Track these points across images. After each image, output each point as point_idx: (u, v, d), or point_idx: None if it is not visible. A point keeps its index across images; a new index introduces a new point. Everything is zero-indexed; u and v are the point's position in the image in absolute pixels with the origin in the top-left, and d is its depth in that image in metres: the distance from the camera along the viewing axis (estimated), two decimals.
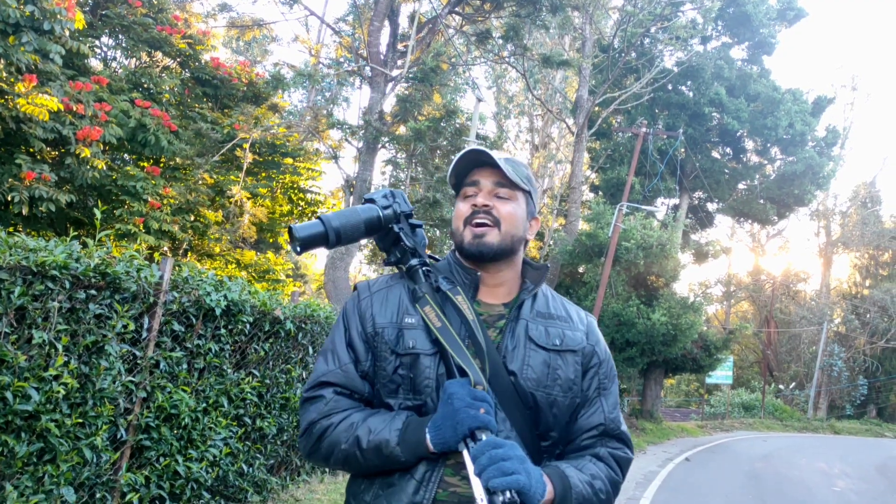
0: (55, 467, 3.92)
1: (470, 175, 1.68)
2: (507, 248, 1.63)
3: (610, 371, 1.70)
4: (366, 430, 1.50)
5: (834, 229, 40.25)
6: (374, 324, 1.61)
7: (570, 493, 1.50)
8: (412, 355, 1.55)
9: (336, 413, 1.56)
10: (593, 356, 1.67)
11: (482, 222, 1.61)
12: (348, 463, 1.54)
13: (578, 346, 1.65)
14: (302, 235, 1.57)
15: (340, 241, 1.60)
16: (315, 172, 14.80)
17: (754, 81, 23.69)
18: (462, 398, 1.43)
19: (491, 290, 1.67)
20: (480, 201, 1.62)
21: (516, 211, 1.66)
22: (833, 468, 14.91)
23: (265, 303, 5.88)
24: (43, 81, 8.11)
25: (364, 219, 1.62)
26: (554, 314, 1.68)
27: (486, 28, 16.09)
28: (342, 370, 1.60)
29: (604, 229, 18.52)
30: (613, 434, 1.65)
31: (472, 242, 1.61)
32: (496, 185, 1.65)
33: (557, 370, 1.59)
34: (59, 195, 8.03)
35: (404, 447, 1.47)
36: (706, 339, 22.00)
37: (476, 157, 1.65)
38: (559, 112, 26.60)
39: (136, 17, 11.13)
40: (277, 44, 35.43)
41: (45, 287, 3.84)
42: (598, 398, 1.65)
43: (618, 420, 1.67)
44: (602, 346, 1.71)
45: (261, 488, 5.99)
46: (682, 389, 43.92)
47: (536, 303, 1.68)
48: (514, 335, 1.60)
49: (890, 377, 35.24)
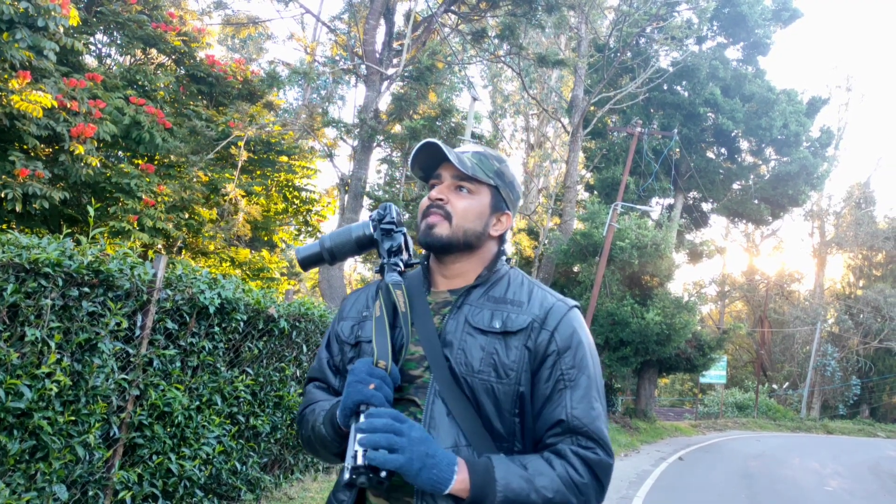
0: (47, 465, 3.91)
1: (437, 168, 1.70)
2: (457, 242, 1.62)
3: (579, 361, 1.54)
4: (314, 413, 1.62)
5: (828, 230, 40.38)
6: (340, 321, 1.76)
7: (492, 486, 1.39)
8: (360, 344, 1.66)
9: (311, 403, 1.68)
10: (550, 343, 1.53)
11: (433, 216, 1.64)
12: (310, 446, 1.64)
13: (520, 328, 1.54)
14: (301, 257, 1.78)
15: (335, 258, 1.77)
16: (310, 171, 14.77)
17: (749, 82, 23.74)
18: (357, 373, 1.46)
19: (446, 280, 1.68)
20: (434, 195, 1.65)
21: (472, 206, 1.64)
22: (826, 468, 14.96)
23: (259, 301, 5.87)
24: (37, 78, 8.09)
25: (355, 237, 1.75)
26: (508, 299, 1.60)
27: (481, 27, 16.09)
28: (319, 366, 1.76)
29: (599, 229, 18.54)
30: (580, 431, 1.48)
31: (424, 233, 1.64)
32: (455, 178, 1.66)
33: (493, 354, 1.52)
34: (52, 192, 8.01)
35: (326, 424, 1.54)
36: (700, 339, 22.05)
37: (432, 151, 1.65)
38: (555, 111, 26.62)
39: (130, 14, 11.10)
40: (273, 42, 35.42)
41: (37, 284, 3.84)
42: (563, 391, 1.51)
43: (585, 416, 1.49)
44: (565, 332, 1.55)
45: (254, 486, 5.98)
46: (675, 389, 44.03)
47: (494, 289, 1.63)
48: (456, 320, 1.58)
49: (883, 377, 35.38)
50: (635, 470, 12.53)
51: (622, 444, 16.26)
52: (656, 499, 9.69)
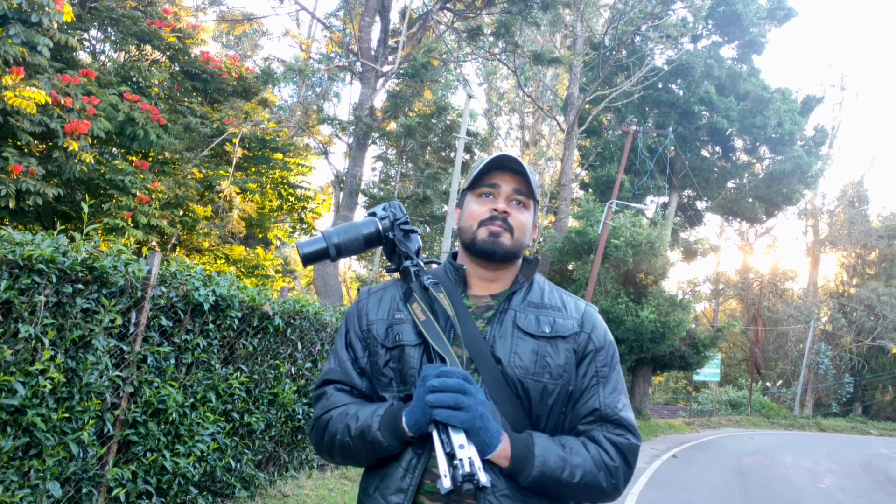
0: (41, 462, 3.90)
1: (489, 176, 1.71)
2: (514, 254, 1.70)
3: (610, 359, 1.68)
4: (354, 419, 1.58)
5: (822, 228, 40.50)
6: (367, 322, 1.71)
7: (531, 459, 1.50)
8: (399, 347, 1.63)
9: (335, 407, 1.65)
10: (588, 344, 1.66)
11: (498, 227, 1.67)
12: (345, 453, 1.62)
13: (569, 333, 1.65)
14: (305, 252, 1.72)
15: (341, 254, 1.73)
16: (305, 168, 14.75)
17: (744, 80, 23.79)
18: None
19: (483, 285, 1.72)
20: (501, 207, 1.67)
21: (528, 221, 1.73)
22: (819, 465, 15.02)
23: (254, 298, 5.86)
24: (31, 74, 8.05)
25: (364, 234, 1.73)
26: (547, 304, 1.69)
27: (477, 25, 16.08)
28: (341, 368, 1.71)
29: (593, 227, 18.56)
30: (611, 419, 1.61)
31: (488, 240, 1.66)
32: (515, 191, 1.70)
33: (546, 357, 1.60)
34: (46, 189, 7.98)
35: (384, 431, 1.53)
36: (694, 337, 22.10)
37: (502, 162, 1.69)
38: (550, 109, 26.63)
39: (125, 10, 11.07)
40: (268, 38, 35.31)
41: (31, 281, 3.82)
42: (597, 385, 1.64)
43: (616, 405, 1.63)
44: (599, 333, 1.69)
45: (249, 484, 5.98)
46: (670, 387, 44.14)
47: (530, 294, 1.71)
48: (502, 325, 1.63)
49: (876, 375, 35.52)
50: None
51: None
52: (650, 496, 9.71)
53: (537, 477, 1.49)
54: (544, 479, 1.49)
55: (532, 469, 1.49)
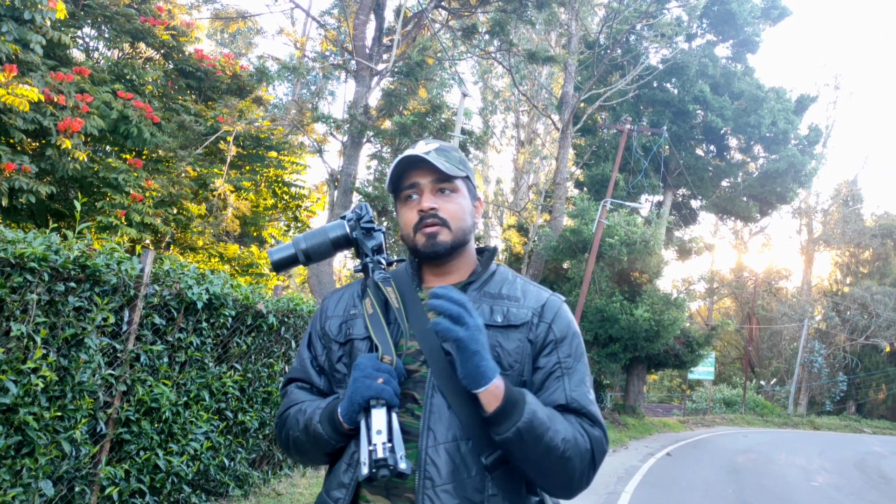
0: (33, 460, 3.89)
1: (406, 177, 1.67)
2: (459, 243, 1.65)
3: (574, 350, 1.62)
4: (303, 413, 1.60)
5: (816, 227, 40.60)
6: (325, 320, 1.73)
7: (521, 406, 1.44)
8: (350, 342, 1.64)
9: (294, 405, 1.66)
10: (548, 334, 1.60)
11: (432, 226, 1.62)
12: (298, 448, 1.62)
13: (521, 322, 1.59)
14: (275, 259, 1.73)
15: (310, 259, 1.74)
16: (299, 166, 14.73)
17: (738, 79, 23.83)
18: (363, 369, 1.47)
19: (439, 278, 1.69)
20: (426, 205, 1.62)
21: (462, 204, 1.67)
22: (812, 463, 15.07)
23: (248, 296, 5.86)
24: (23, 72, 8.01)
25: (331, 237, 1.73)
26: (504, 294, 1.65)
27: (472, 23, 16.06)
28: (301, 366, 1.73)
29: (588, 225, 18.57)
30: (580, 412, 1.55)
31: (427, 244, 1.62)
32: (436, 182, 1.64)
33: (496, 348, 1.55)
34: (39, 187, 7.94)
35: (324, 423, 1.53)
36: (688, 336, 22.14)
37: (409, 160, 1.64)
38: (545, 108, 26.64)
39: (118, 7, 11.02)
40: (262, 36, 35.25)
41: (23, 279, 3.81)
42: (561, 377, 1.57)
43: (583, 398, 1.56)
44: (562, 324, 1.63)
45: (242, 482, 5.97)
46: (664, 385, 44.20)
47: (488, 285, 1.67)
48: None
49: (869, 374, 35.64)
50: (624, 465, 12.58)
51: (610, 439, 16.30)
52: (644, 494, 9.73)
53: (524, 427, 1.43)
54: (528, 433, 1.43)
55: (521, 416, 1.43)
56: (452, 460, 1.47)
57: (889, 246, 38.71)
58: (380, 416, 1.42)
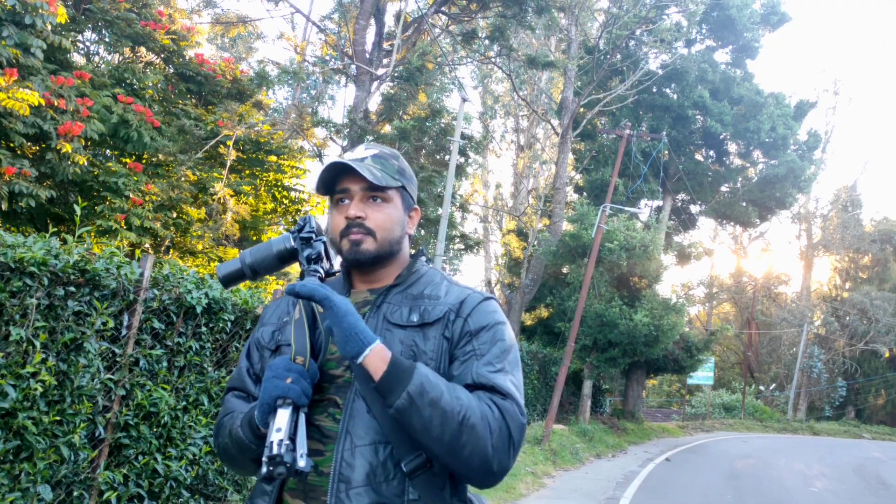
0: (32, 465, 3.89)
1: (339, 182, 1.66)
2: (385, 254, 1.65)
3: (491, 339, 1.57)
4: (231, 419, 1.60)
5: (815, 232, 40.62)
6: (261, 327, 1.75)
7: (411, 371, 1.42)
8: (279, 348, 1.66)
9: (228, 413, 1.66)
10: (463, 327, 1.58)
11: (356, 235, 1.62)
12: (228, 455, 1.62)
13: (436, 318, 1.58)
14: (222, 274, 1.72)
15: (257, 274, 1.72)
16: (299, 170, 14.73)
17: (738, 85, 23.87)
18: (274, 369, 1.46)
19: (366, 283, 1.69)
20: (353, 213, 1.62)
21: (391, 215, 1.66)
22: (811, 469, 15.06)
23: (247, 301, 5.86)
24: (24, 76, 8.03)
25: (275, 251, 1.71)
26: (426, 294, 1.64)
27: (472, 28, 16.11)
28: (238, 375, 1.74)
29: (587, 230, 18.57)
30: (485, 386, 1.49)
31: (350, 251, 1.62)
32: (366, 189, 1.64)
33: (413, 347, 1.55)
34: (39, 191, 7.95)
35: (244, 426, 1.53)
36: (688, 340, 22.13)
37: (339, 167, 1.63)
38: (544, 113, 26.67)
39: (119, 12, 11.04)
40: (262, 41, 35.31)
41: (23, 283, 3.81)
42: (470, 361, 1.54)
43: (490, 374, 1.50)
44: (479, 317, 1.60)
45: (241, 487, 5.97)
46: (663, 390, 44.17)
47: (412, 287, 1.66)
48: (375, 319, 1.60)
49: (868, 379, 35.63)
50: (623, 470, 12.57)
51: (610, 444, 16.30)
52: (643, 499, 9.73)
53: (415, 391, 1.39)
54: (421, 397, 1.39)
55: (411, 378, 1.40)
56: (370, 463, 1.46)
57: (888, 251, 38.72)
58: (283, 414, 1.39)
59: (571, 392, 21.04)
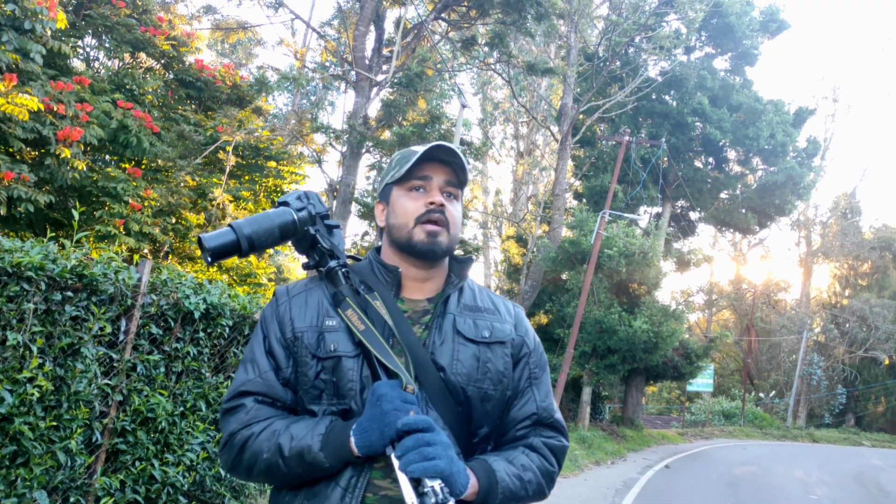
0: (28, 470, 3.87)
1: (420, 168, 1.61)
2: (451, 250, 1.63)
3: (540, 360, 1.68)
4: (288, 438, 1.45)
5: (814, 239, 40.65)
6: (293, 328, 1.56)
7: (496, 488, 1.47)
8: (334, 358, 1.51)
9: (257, 422, 1.51)
10: (523, 346, 1.65)
11: (435, 225, 1.58)
12: (270, 473, 1.48)
13: (507, 338, 1.62)
14: (212, 245, 1.50)
15: (254, 248, 1.54)
16: (299, 176, 14.71)
17: (737, 92, 23.92)
18: (391, 400, 1.39)
19: (416, 287, 1.64)
20: (438, 200, 1.58)
21: (460, 213, 1.66)
22: (811, 476, 15.02)
23: (245, 306, 5.84)
24: (23, 81, 8.03)
25: (278, 223, 1.56)
26: (481, 307, 1.65)
27: (471, 34, 16.13)
28: (262, 378, 1.55)
29: (587, 236, 18.59)
30: (547, 423, 1.63)
31: (427, 241, 1.57)
32: (447, 183, 1.62)
33: (487, 363, 1.56)
34: (38, 196, 7.95)
35: (328, 452, 1.42)
36: (687, 347, 22.12)
37: (436, 153, 1.59)
38: (544, 119, 26.71)
39: (119, 17, 11.05)
40: (262, 47, 35.38)
41: (20, 288, 3.80)
42: (530, 388, 1.63)
43: (550, 408, 1.64)
44: (531, 336, 1.69)
45: (238, 493, 5.94)
46: (663, 397, 44.13)
47: (463, 296, 1.65)
48: (442, 330, 1.57)
49: (868, 386, 35.59)
50: (622, 478, 12.54)
51: (609, 451, 16.26)
52: None
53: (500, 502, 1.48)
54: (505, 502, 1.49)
55: (496, 497, 1.48)
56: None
57: (888, 258, 38.74)
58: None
59: (570, 399, 21.01)
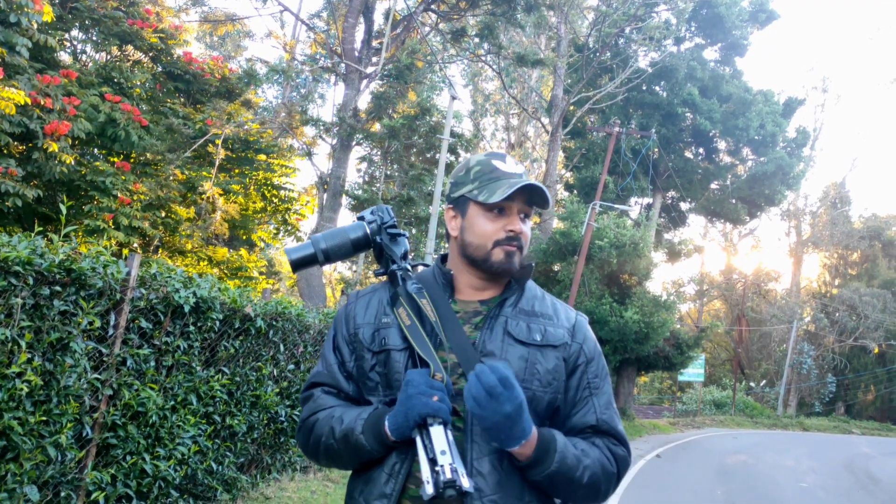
0: (18, 466, 3.86)
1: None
2: (521, 265, 1.70)
3: (600, 370, 1.70)
4: (339, 422, 1.59)
5: (804, 229, 40.81)
6: (355, 325, 1.71)
7: (552, 455, 1.50)
8: (385, 352, 1.63)
9: (322, 410, 1.66)
10: (580, 354, 1.67)
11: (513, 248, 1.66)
12: (330, 455, 1.63)
13: (559, 342, 1.65)
14: (293, 258, 1.72)
15: (329, 259, 1.73)
16: (289, 169, 14.70)
17: (726, 82, 23.97)
18: (417, 385, 1.48)
19: (475, 290, 1.71)
20: (519, 228, 1.66)
21: (530, 229, 1.72)
22: (801, 464, 15.13)
23: (235, 300, 5.83)
24: (10, 75, 7.98)
25: (351, 238, 1.73)
26: (538, 312, 1.69)
27: (461, 26, 16.09)
28: (328, 371, 1.72)
29: (578, 228, 18.62)
30: (609, 433, 1.64)
31: (504, 261, 1.64)
32: (523, 207, 1.68)
33: (536, 364, 1.60)
34: (26, 190, 7.90)
35: (367, 434, 1.54)
36: (678, 337, 22.21)
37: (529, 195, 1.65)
38: (535, 111, 26.70)
39: (106, 10, 10.98)
40: (251, 39, 35.17)
41: (7, 283, 3.78)
42: (590, 397, 1.66)
43: (612, 419, 1.66)
44: (590, 344, 1.71)
45: (230, 487, 5.94)
46: (654, 387, 44.33)
47: (522, 301, 1.70)
48: (493, 331, 1.62)
49: (858, 375, 35.84)
50: None
51: None
52: (634, 496, 9.74)
53: (553, 472, 1.50)
54: (559, 476, 1.51)
55: (551, 464, 1.50)
56: (496, 470, 1.52)
57: (877, 248, 38.97)
58: (439, 435, 1.43)
59: None
